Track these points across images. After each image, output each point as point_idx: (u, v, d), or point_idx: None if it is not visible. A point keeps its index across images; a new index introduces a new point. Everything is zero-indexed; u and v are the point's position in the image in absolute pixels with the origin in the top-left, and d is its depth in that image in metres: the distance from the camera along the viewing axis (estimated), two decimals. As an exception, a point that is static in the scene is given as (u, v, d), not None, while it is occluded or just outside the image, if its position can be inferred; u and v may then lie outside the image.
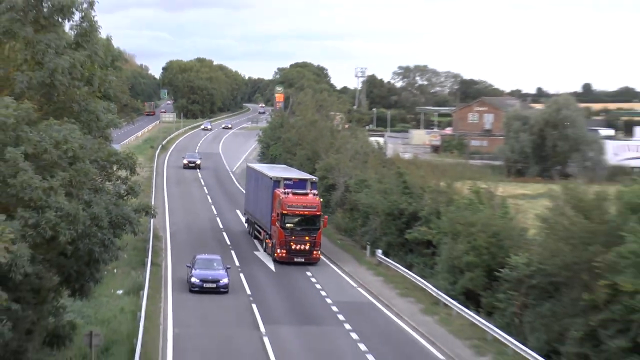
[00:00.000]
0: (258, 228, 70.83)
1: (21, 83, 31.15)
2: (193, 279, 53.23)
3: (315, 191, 63.42)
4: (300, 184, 63.51)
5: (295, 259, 58.48)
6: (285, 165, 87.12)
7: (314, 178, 65.22)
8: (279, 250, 57.86)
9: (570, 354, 39.92)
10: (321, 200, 63.12)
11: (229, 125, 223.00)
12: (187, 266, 55.13)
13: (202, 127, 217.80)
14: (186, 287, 56.41)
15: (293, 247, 57.80)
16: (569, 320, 40.44)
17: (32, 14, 31.72)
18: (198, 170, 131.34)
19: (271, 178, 63.69)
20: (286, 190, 61.53)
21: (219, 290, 53.20)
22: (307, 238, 57.58)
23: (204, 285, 52.92)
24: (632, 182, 42.98)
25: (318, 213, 59.40)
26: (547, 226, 43.32)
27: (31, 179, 27.56)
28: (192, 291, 53.70)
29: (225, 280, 53.36)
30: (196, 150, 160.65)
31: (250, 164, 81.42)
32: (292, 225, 57.99)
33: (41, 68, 31.34)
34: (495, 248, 48.67)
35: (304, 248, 57.75)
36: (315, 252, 58.49)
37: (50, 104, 32.24)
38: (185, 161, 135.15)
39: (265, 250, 64.68)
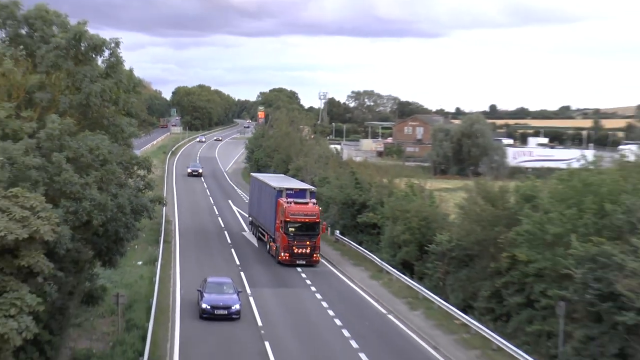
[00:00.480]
0: (262, 231, 63.43)
1: (64, 104, 31.47)
2: (204, 305, 40.48)
3: (314, 200, 57.03)
4: (300, 193, 56.78)
5: (297, 262, 52.55)
6: (284, 175, 79.80)
7: (313, 188, 58.68)
8: (282, 254, 52.10)
9: (481, 308, 40.59)
10: (320, 208, 56.62)
11: (219, 138, 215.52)
12: (198, 290, 41.62)
13: (197, 139, 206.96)
14: (189, 260, 56.72)
15: (295, 251, 52.01)
16: (479, 283, 41.29)
17: (73, 51, 31.86)
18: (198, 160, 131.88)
19: (274, 188, 57.27)
20: (289, 199, 54.97)
21: (230, 317, 40.68)
22: (308, 243, 52.06)
23: (215, 312, 40.43)
24: (526, 179, 43.49)
25: (317, 220, 53.33)
26: (464, 212, 44.00)
27: (71, 176, 27.98)
28: (202, 318, 40.62)
29: (237, 307, 40.83)
30: (198, 155, 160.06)
31: (254, 174, 73.88)
32: (294, 231, 52.05)
33: (79, 92, 31.62)
34: (425, 229, 49.12)
35: (305, 252, 52.05)
36: (315, 255, 52.81)
37: (86, 120, 32.45)
38: (189, 170, 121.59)
39: (269, 252, 58.04)
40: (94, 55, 33.14)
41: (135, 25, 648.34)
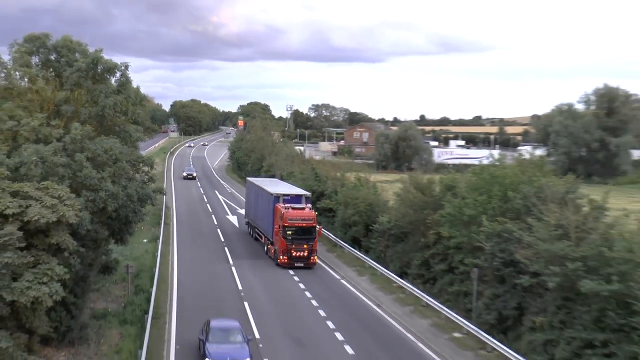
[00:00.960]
0: (259, 232, 55.00)
1: (84, 114, 31.36)
2: None
3: (309, 205, 49.87)
4: (297, 199, 49.30)
5: (295, 264, 45.59)
6: (278, 180, 69.68)
7: (308, 194, 51.31)
8: (281, 257, 45.38)
9: (413, 274, 40.91)
10: (316, 213, 49.56)
11: (206, 143, 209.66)
12: (200, 339, 27.77)
13: (187, 144, 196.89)
14: (185, 238, 56.35)
15: (294, 254, 45.15)
16: (412, 254, 41.57)
17: (91, 73, 31.74)
18: (193, 166, 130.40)
19: (272, 194, 49.55)
20: (286, 205, 47.88)
21: None
22: (305, 246, 45.23)
23: None
24: (448, 173, 43.92)
25: (314, 224, 46.19)
26: (400, 199, 44.00)
27: (90, 172, 27.87)
28: None
29: None
30: (190, 155, 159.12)
31: (250, 178, 64.70)
32: (292, 235, 45.15)
33: (96, 106, 31.51)
34: (370, 212, 49.35)
35: (303, 255, 45.19)
36: (312, 258, 45.90)
37: (101, 127, 32.27)
38: (184, 174, 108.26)
39: (267, 254, 49.97)
40: (108, 76, 33.02)
41: (141, 53, 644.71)
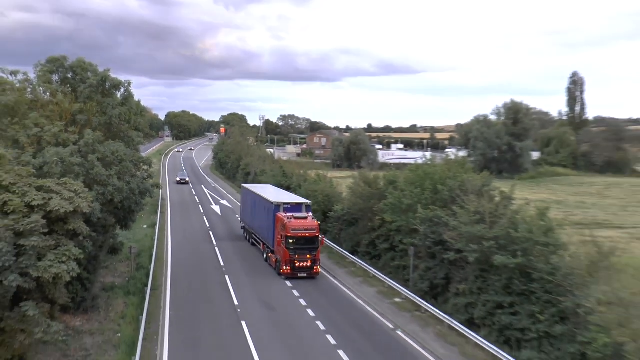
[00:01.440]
0: (257, 239, 46.13)
1: (95, 123, 30.91)
2: None
3: (311, 213, 41.10)
4: (297, 207, 41.08)
5: (299, 275, 37.58)
6: (270, 185, 58.09)
7: (308, 202, 43.06)
8: (284, 267, 37.46)
9: (362, 252, 41.20)
10: (319, 222, 40.17)
11: (192, 148, 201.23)
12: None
13: (176, 150, 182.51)
14: (177, 224, 56.02)
15: (297, 264, 37.45)
16: (361, 236, 41.71)
17: (101, 88, 31.33)
18: (183, 166, 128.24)
19: (272, 202, 41.26)
20: (287, 214, 39.41)
21: None
22: (308, 256, 37.44)
23: None
24: (390, 171, 44.23)
25: (317, 234, 38.03)
26: (351, 191, 44.07)
27: (100, 170, 27.56)
28: None
29: None
30: (182, 157, 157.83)
31: (245, 185, 55.29)
32: (295, 245, 37.12)
33: (105, 115, 31.08)
34: (327, 202, 49.25)
35: (306, 265, 37.47)
36: (315, 267, 37.92)
37: (109, 133, 31.88)
38: (177, 179, 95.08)
39: (267, 262, 41.23)
40: (114, 91, 32.58)
41: (141, 72, 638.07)
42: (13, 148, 25.76)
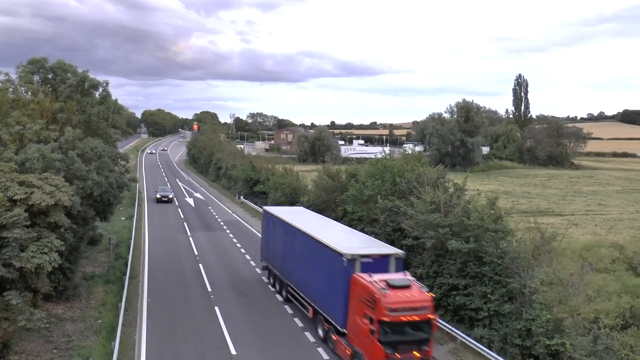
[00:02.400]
0: (299, 297, 26.65)
1: (75, 121, 30.34)
2: None
3: (415, 281, 21.05)
4: (382, 262, 21.88)
5: None
6: (312, 212, 34.91)
7: (399, 252, 22.68)
8: None
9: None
10: (432, 294, 20.41)
11: (165, 149, 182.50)
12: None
13: (148, 152, 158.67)
14: (153, 216, 55.33)
15: None
16: (326, 225, 41.83)
17: (80, 88, 30.80)
18: (159, 162, 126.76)
19: (341, 254, 21.66)
20: (374, 278, 20.38)
21: None
22: (416, 354, 19.16)
23: None
24: (351, 165, 44.28)
25: (430, 316, 19.56)
26: (316, 184, 44.06)
27: (80, 166, 27.06)
28: None
29: None
30: (157, 153, 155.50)
31: (269, 209, 34.02)
32: (394, 336, 19.14)
33: (84, 114, 30.63)
34: (294, 194, 49.25)
35: None
36: None
37: (88, 131, 31.33)
38: (158, 195, 65.44)
39: (332, 348, 22.39)
40: (93, 91, 32.04)
41: (119, 73, 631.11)
42: (-5, 145, 25.23)
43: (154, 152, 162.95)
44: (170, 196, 66.06)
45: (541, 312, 20.09)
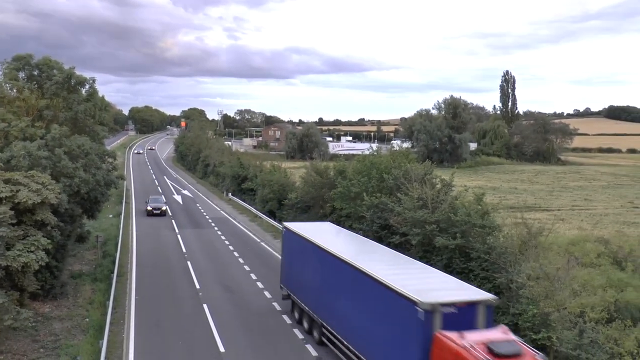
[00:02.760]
0: (342, 345, 19.11)
1: (61, 118, 30.43)
2: None
3: (523, 342, 13.39)
4: (469, 310, 14.09)
5: None
6: (334, 225, 28.59)
7: (491, 297, 15.15)
8: None
9: (315, 236, 41.32)
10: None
11: (153, 148, 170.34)
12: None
13: (134, 152, 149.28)
14: (141, 214, 54.95)
15: None
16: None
17: (66, 85, 30.82)
18: (146, 159, 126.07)
19: (415, 302, 13.92)
20: (469, 339, 12.46)
21: None
22: None
23: None
24: (339, 161, 44.37)
25: None
26: (304, 180, 44.02)
27: (67, 163, 27.10)
28: None
29: None
30: (145, 150, 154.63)
31: (292, 227, 25.49)
32: None
33: (71, 111, 30.67)
34: (282, 190, 49.05)
35: None
36: None
37: (75, 128, 31.32)
38: (149, 207, 54.74)
39: None
40: (79, 88, 32.06)
41: (105, 70, 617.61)
42: (-20, 143, 25.03)
43: (141, 152, 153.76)
44: (164, 208, 55.39)
45: (528, 307, 20.27)
